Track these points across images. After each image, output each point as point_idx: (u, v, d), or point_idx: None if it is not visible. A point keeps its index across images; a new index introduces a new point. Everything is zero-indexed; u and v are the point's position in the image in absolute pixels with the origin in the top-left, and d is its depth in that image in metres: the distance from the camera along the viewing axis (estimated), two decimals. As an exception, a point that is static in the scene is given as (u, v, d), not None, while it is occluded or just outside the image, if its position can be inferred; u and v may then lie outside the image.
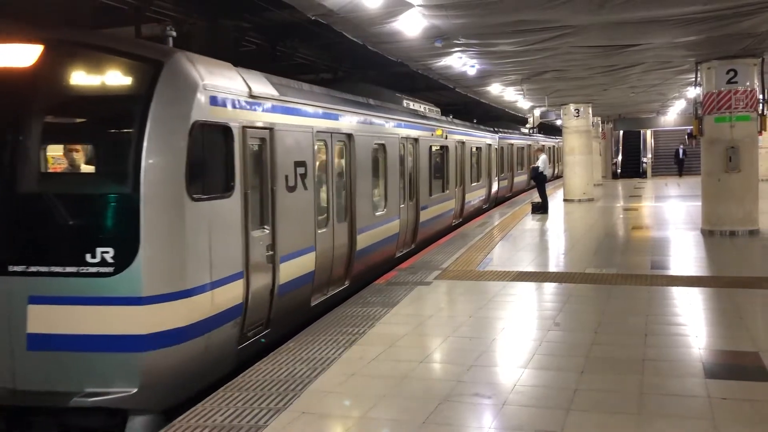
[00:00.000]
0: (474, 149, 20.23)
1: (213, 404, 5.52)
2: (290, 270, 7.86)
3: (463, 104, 25.67)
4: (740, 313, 8.07)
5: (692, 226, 15.60)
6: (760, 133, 14.31)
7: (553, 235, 16.24)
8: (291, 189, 7.95)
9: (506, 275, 10.57)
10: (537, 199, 20.12)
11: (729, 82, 13.76)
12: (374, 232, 10.99)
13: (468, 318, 8.17)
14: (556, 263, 12.49)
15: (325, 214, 9.24)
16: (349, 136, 10.07)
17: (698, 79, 14.58)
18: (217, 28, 12.08)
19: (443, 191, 16.24)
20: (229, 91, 6.78)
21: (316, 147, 8.77)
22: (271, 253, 7.40)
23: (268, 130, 7.49)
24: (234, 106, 6.85)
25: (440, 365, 6.60)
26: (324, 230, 9.03)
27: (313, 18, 9.59)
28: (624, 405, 5.29)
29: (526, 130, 33.74)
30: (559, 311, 8.37)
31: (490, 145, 22.91)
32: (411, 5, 9.17)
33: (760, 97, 14.15)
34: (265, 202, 7.48)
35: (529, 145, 31.84)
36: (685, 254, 12.51)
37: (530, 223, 17.87)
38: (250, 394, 5.70)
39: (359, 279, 10.36)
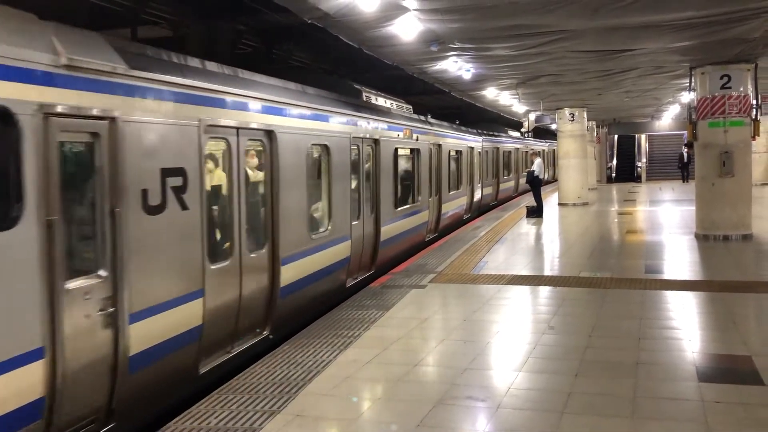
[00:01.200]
0: (453, 153, 18.31)
1: (207, 407, 5.52)
2: (153, 331, 5.54)
3: (456, 107, 25.52)
4: (733, 317, 8.11)
5: (686, 231, 15.65)
6: (753, 138, 14.39)
7: (548, 238, 16.28)
8: (154, 210, 5.59)
9: (501, 279, 10.59)
10: (530, 203, 20.14)
11: (723, 87, 13.83)
12: (310, 259, 8.69)
13: (462, 321, 8.19)
14: (550, 267, 12.51)
15: (228, 242, 6.90)
16: (269, 133, 7.66)
17: (692, 84, 14.65)
18: (213, 31, 12.09)
19: (413, 202, 14.10)
20: (18, 55, 4.36)
21: (207, 148, 6.43)
22: (110, 310, 5.09)
23: (105, 121, 5.08)
24: (26, 80, 4.41)
25: (435, 368, 6.60)
26: (223, 264, 6.69)
27: (309, 21, 9.60)
28: (618, 408, 5.31)
29: (516, 133, 32.39)
30: (554, 315, 8.39)
31: (472, 148, 21.08)
32: (407, 9, 9.19)
33: (754, 102, 14.23)
34: (100, 232, 5.09)
35: (518, 148, 30.59)
36: (678, 258, 12.55)
37: (525, 226, 17.90)
38: (245, 397, 5.70)
39: (288, 322, 8.09)
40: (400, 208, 13.04)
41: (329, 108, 9.67)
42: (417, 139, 14.29)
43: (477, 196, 21.84)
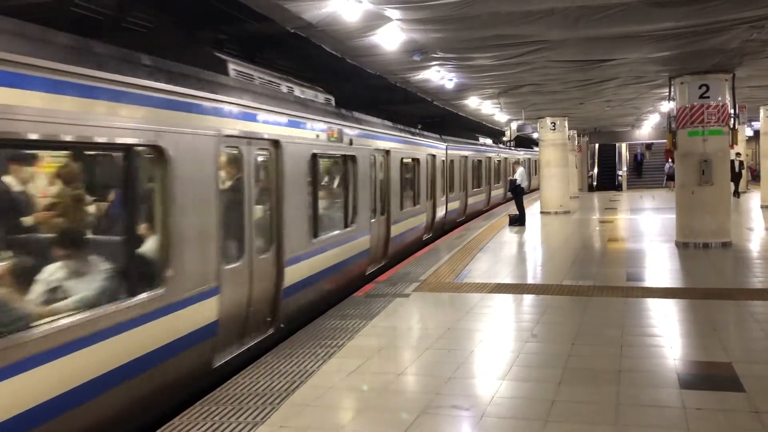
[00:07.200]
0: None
1: (190, 418, 5.46)
2: None
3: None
4: (714, 324, 8.19)
5: (667, 239, 15.80)
6: (731, 146, 14.59)
7: (530, 247, 16.35)
8: None
9: (484, 287, 10.61)
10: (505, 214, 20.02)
11: (701, 96, 14.02)
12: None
13: (446, 330, 8.19)
14: (533, 275, 12.56)
15: None
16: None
17: (672, 93, 14.83)
18: (195, 39, 12.04)
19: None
20: None
21: None
22: None
23: None
24: None
25: (418, 377, 6.59)
26: None
27: (292, 31, 9.61)
28: (601, 416, 5.33)
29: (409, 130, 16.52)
30: (537, 323, 8.42)
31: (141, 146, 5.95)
32: (389, 19, 9.23)
33: (732, 111, 14.44)
34: None
35: (388, 150, 13.54)
36: (660, 266, 12.65)
37: (507, 235, 17.98)
38: (227, 408, 5.65)
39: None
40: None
41: None
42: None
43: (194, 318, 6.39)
